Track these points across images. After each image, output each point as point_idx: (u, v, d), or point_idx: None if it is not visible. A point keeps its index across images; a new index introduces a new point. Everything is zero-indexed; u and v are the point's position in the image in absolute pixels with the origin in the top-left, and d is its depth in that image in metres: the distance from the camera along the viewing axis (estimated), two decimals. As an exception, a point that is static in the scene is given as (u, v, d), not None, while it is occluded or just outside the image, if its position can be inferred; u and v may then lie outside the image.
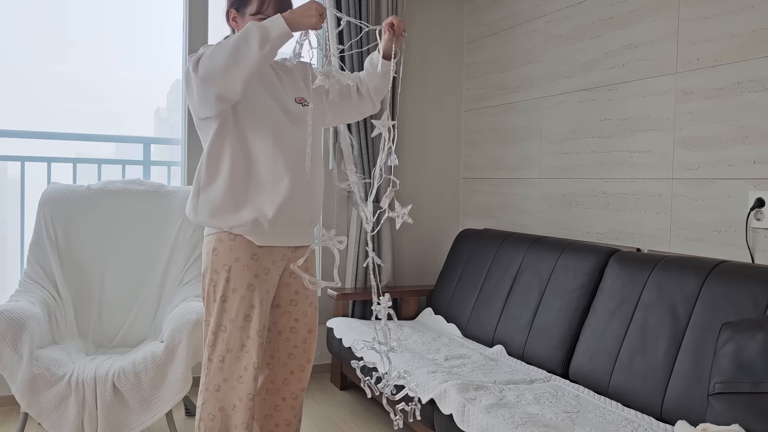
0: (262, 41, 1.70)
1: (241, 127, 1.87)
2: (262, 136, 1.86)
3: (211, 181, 1.88)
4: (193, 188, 1.90)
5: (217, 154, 1.88)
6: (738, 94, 2.27)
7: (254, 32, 1.70)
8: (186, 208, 1.94)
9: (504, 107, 3.51)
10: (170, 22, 3.36)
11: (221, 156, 1.87)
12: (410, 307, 3.52)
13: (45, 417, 2.31)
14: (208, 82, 1.75)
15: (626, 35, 2.71)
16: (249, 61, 1.71)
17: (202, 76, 1.74)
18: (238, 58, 1.71)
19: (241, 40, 1.70)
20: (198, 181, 1.89)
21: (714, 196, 2.35)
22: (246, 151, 1.87)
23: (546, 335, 2.59)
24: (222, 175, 1.86)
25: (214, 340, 1.91)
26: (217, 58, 1.72)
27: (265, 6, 1.88)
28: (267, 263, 1.92)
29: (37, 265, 2.73)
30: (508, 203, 3.47)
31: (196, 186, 1.90)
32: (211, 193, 1.87)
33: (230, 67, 1.71)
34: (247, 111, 1.88)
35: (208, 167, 1.88)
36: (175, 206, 2.94)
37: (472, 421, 1.99)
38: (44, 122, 3.19)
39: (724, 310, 1.99)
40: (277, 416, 2.10)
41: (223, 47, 1.72)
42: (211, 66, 1.73)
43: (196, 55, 1.79)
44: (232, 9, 1.94)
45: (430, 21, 3.80)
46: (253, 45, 1.70)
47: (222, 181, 1.86)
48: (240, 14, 1.92)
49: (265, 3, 1.88)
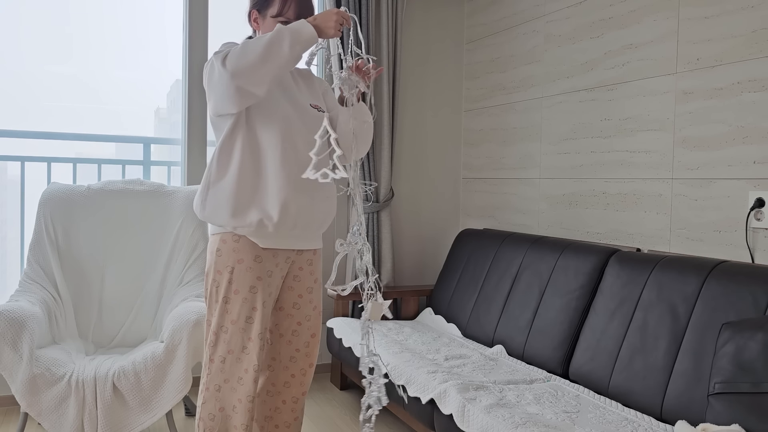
0: (293, 42, 1.74)
1: (253, 126, 1.89)
2: (273, 137, 1.87)
3: (221, 176, 1.89)
4: (202, 183, 1.91)
5: (228, 150, 1.89)
6: (738, 94, 2.27)
7: (286, 34, 1.75)
8: (194, 203, 1.95)
9: (504, 107, 3.51)
10: (170, 22, 3.37)
11: (232, 152, 1.89)
12: (410, 307, 3.52)
13: (45, 417, 2.31)
14: (238, 77, 1.76)
15: (626, 35, 2.71)
16: (280, 61, 1.75)
17: (231, 71, 1.76)
18: (269, 56, 1.74)
19: (274, 39, 1.75)
20: (208, 176, 1.90)
21: (714, 196, 2.35)
22: (256, 150, 1.88)
23: (546, 335, 2.59)
24: (232, 171, 1.87)
25: (216, 340, 1.91)
26: (249, 55, 1.75)
27: (286, 8, 1.92)
28: (270, 266, 1.92)
29: (37, 265, 2.73)
30: (508, 203, 3.47)
31: (206, 180, 1.91)
32: (220, 189, 1.88)
33: (261, 65, 1.75)
34: (261, 111, 1.89)
35: (219, 162, 1.89)
36: (175, 206, 2.94)
37: (472, 421, 1.99)
38: (44, 122, 3.19)
39: (724, 310, 1.99)
40: (277, 418, 2.10)
41: (255, 45, 1.75)
42: (241, 62, 1.75)
43: (221, 52, 1.81)
44: (254, 10, 1.98)
45: (430, 21, 3.80)
46: (285, 45, 1.74)
47: (231, 177, 1.87)
48: (261, 15, 1.96)
49: (287, 5, 1.92)
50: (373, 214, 3.50)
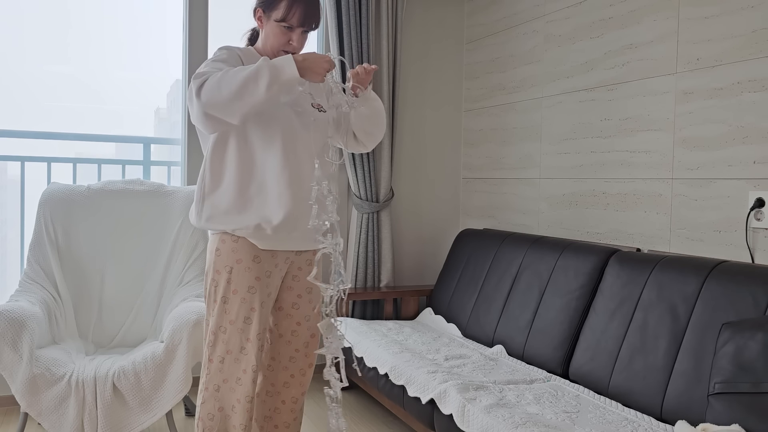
0: (270, 83, 1.69)
1: (248, 132, 1.86)
2: (272, 141, 1.85)
3: (215, 187, 1.87)
4: (197, 194, 1.89)
5: (220, 159, 1.86)
6: (738, 94, 2.27)
7: (264, 73, 1.69)
8: (190, 214, 1.93)
9: (504, 107, 3.51)
10: (170, 22, 3.36)
11: (225, 161, 1.86)
12: (410, 307, 3.51)
13: (45, 417, 2.31)
14: (209, 109, 1.72)
15: (626, 35, 2.71)
16: (254, 100, 1.70)
17: (204, 102, 1.71)
18: (244, 94, 1.69)
19: (251, 77, 1.69)
20: (202, 187, 1.88)
21: (714, 196, 2.35)
22: (252, 156, 1.86)
23: (546, 335, 2.59)
24: (226, 180, 1.85)
25: (214, 340, 1.91)
26: (223, 90, 1.70)
27: (291, 15, 1.87)
28: (269, 266, 1.92)
29: (37, 265, 2.73)
30: (508, 203, 3.47)
31: (200, 192, 1.88)
32: (216, 199, 1.86)
33: (234, 101, 1.70)
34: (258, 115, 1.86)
35: (213, 172, 1.87)
36: (175, 206, 2.94)
37: (472, 421, 1.99)
38: (44, 122, 3.19)
39: (724, 310, 1.99)
40: (276, 418, 2.10)
41: (231, 79, 1.70)
42: (215, 96, 1.70)
43: (199, 77, 1.75)
44: (259, 8, 1.94)
45: (430, 21, 3.80)
46: (261, 84, 1.69)
47: (227, 187, 1.85)
48: (266, 16, 1.92)
49: (291, 12, 1.87)
50: (372, 214, 3.50)
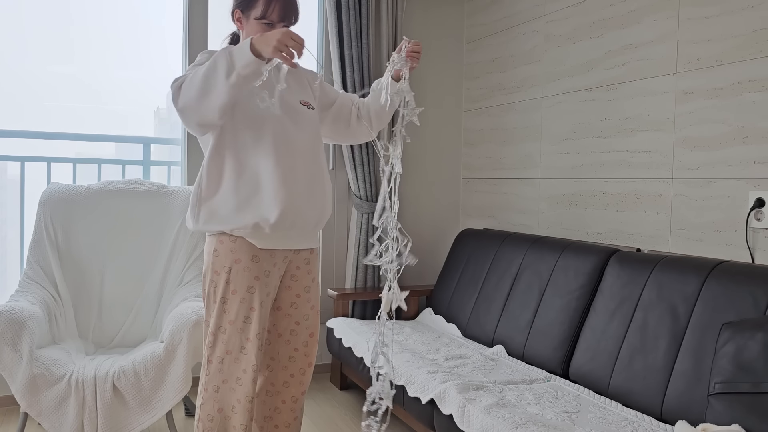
0: (228, 71, 1.67)
1: (241, 134, 1.86)
2: (263, 142, 1.85)
3: (212, 192, 1.87)
4: (192, 199, 1.88)
5: (217, 163, 1.86)
6: (738, 94, 2.27)
7: (221, 61, 1.67)
8: (186, 220, 1.93)
9: (504, 107, 3.51)
10: (170, 22, 3.36)
11: (223, 166, 1.86)
12: (410, 307, 3.51)
13: (45, 417, 2.30)
14: (186, 113, 1.74)
15: (626, 35, 2.71)
16: (218, 91, 1.69)
17: (180, 108, 1.73)
18: (208, 89, 1.69)
19: (209, 70, 1.68)
20: (199, 192, 1.88)
21: (714, 196, 2.35)
22: (246, 158, 1.86)
23: (546, 335, 2.59)
24: (223, 185, 1.85)
25: (214, 341, 1.90)
26: (191, 90, 1.70)
27: (270, 11, 1.84)
28: (268, 265, 1.92)
29: (37, 265, 2.73)
30: (508, 203, 3.47)
31: (196, 197, 1.88)
32: (213, 204, 1.86)
33: (202, 99, 1.70)
34: (248, 117, 1.86)
35: (209, 177, 1.86)
36: (175, 206, 2.94)
37: (472, 422, 1.99)
38: (44, 122, 3.19)
39: (724, 310, 1.99)
40: (276, 418, 2.10)
41: (194, 78, 1.70)
42: (186, 98, 1.71)
43: (178, 80, 1.76)
44: (237, 9, 1.91)
45: (430, 21, 3.80)
46: (220, 75, 1.67)
47: (223, 192, 1.85)
48: (245, 16, 1.89)
49: (270, 8, 1.84)
50: (372, 214, 3.50)
